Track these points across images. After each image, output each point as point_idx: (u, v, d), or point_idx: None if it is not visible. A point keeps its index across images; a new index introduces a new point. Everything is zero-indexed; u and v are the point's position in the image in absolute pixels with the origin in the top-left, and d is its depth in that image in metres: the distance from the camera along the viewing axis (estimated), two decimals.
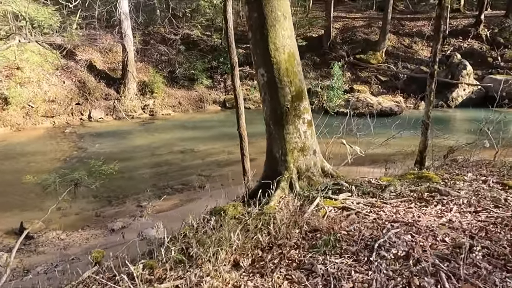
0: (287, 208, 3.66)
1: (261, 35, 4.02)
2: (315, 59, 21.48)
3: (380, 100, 18.50)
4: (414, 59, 21.42)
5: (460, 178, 4.42)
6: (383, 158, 9.91)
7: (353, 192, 3.96)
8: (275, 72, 4.04)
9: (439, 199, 3.84)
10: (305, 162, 4.12)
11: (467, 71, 19.01)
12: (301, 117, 4.15)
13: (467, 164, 5.54)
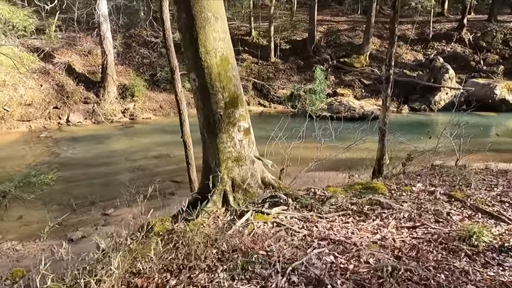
0: (215, 223, 3.40)
1: (190, 38, 3.77)
2: (299, 63, 21.31)
3: (362, 104, 18.35)
4: (397, 63, 21.26)
5: (408, 188, 4.19)
6: (357, 164, 9.72)
7: (289, 206, 3.71)
8: (207, 77, 3.79)
9: (380, 212, 3.61)
10: (241, 173, 3.86)
11: (449, 75, 18.92)
12: (236, 125, 3.89)
13: (423, 172, 5.31)
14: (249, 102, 19.95)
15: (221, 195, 3.71)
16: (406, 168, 5.83)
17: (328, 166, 9.25)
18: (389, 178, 5.18)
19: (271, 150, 10.80)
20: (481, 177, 4.86)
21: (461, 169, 5.55)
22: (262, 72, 21.00)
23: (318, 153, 6.92)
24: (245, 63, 21.17)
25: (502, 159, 12.95)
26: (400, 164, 5.93)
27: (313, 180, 6.57)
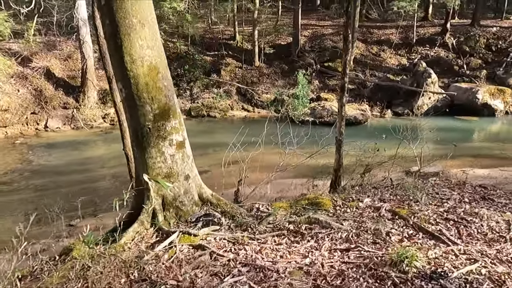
0: (138, 246, 3.16)
1: (115, 45, 3.52)
2: (283, 67, 21.13)
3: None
4: (382, 67, 21.22)
5: (354, 204, 3.98)
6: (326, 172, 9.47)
7: (222, 225, 3.48)
8: (133, 87, 3.54)
9: (317, 232, 3.39)
10: (173, 190, 3.62)
11: (432, 79, 18.83)
12: (168, 139, 3.64)
13: (380, 184, 5.10)
14: (233, 106, 19.73)
15: (149, 215, 3.47)
16: (367, 179, 5.61)
17: (303, 174, 9.04)
18: (344, 191, 4.96)
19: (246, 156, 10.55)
20: (436, 190, 4.66)
21: (422, 180, 5.35)
22: (246, 76, 20.79)
23: (282, 161, 6.70)
24: (229, 67, 20.94)
25: (480, 164, 12.87)
26: (359, 175, 5.72)
27: (275, 191, 6.34)
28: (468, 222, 3.44)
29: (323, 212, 3.83)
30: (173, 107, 3.79)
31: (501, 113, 18.58)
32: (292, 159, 8.27)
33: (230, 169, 12.55)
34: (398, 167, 12.05)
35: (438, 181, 5.29)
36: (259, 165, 7.60)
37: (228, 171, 12.40)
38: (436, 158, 13.19)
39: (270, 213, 3.68)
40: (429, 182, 5.16)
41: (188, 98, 19.77)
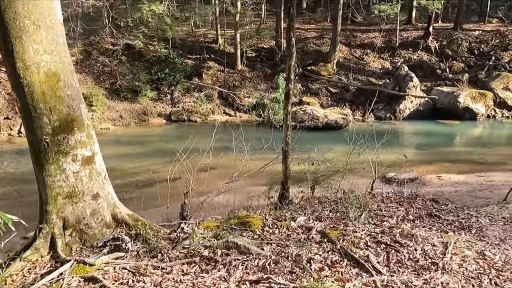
0: (25, 278, 2.78)
1: (5, 50, 3.15)
2: (266, 70, 20.81)
3: (327, 113, 17.88)
4: (365, 71, 20.97)
5: (286, 224, 3.62)
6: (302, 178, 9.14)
7: (129, 251, 3.11)
8: (27, 97, 3.17)
9: (232, 259, 3.03)
10: (76, 211, 3.25)
11: (414, 83, 18.60)
12: (70, 154, 3.27)
13: (327, 198, 4.74)
14: (214, 111, 19.37)
15: (47, 240, 3.10)
16: (324, 190, 5.26)
17: (275, 181, 8.67)
18: (289, 205, 4.61)
19: (222, 162, 10.18)
20: (382, 205, 4.31)
21: (372, 195, 4.99)
22: (228, 80, 20.44)
23: (238, 169, 6.33)
24: (211, 71, 20.58)
25: (458, 170, 12.59)
26: (308, 188, 5.36)
27: (228, 202, 5.97)
28: (401, 246, 3.10)
29: (249, 233, 3.47)
30: (79, 118, 3.42)
31: (482, 117, 18.38)
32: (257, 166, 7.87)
33: (202, 176, 12.16)
34: (371, 174, 11.75)
35: (390, 194, 4.94)
36: (230, 172, 7.22)
37: (199, 178, 12.01)
38: (408, 164, 12.95)
39: (188, 235, 3.31)
40: (379, 196, 4.81)
41: (169, 102, 19.37)
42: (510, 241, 3.42)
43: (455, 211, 4.18)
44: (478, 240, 3.41)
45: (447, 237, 3.33)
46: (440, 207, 4.33)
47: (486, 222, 3.94)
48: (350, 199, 4.15)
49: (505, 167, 12.35)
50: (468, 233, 3.58)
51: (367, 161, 13.07)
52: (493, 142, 15.36)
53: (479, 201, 9.20)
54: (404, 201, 4.49)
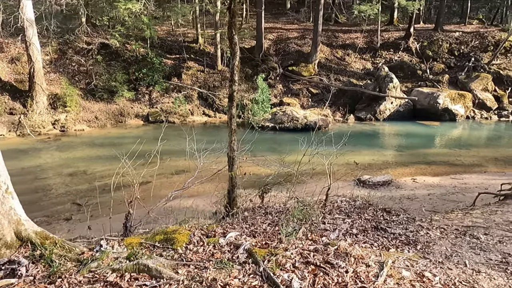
0: None
1: None
2: (247, 71, 20.43)
3: (307, 114, 17.58)
4: (346, 71, 20.74)
5: (214, 240, 3.25)
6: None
7: (22, 276, 2.72)
8: None
9: (140, 285, 2.65)
10: None
11: (394, 84, 18.41)
12: None
13: (274, 208, 4.38)
14: (193, 111, 18.96)
15: None
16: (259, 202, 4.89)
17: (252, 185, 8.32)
18: (236, 215, 4.24)
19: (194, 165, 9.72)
20: (329, 216, 3.97)
21: (324, 204, 4.65)
22: (208, 80, 20.03)
23: (194, 173, 5.95)
24: (191, 71, 20.15)
25: (434, 172, 12.38)
26: (257, 196, 5.00)
27: (202, 206, 5.59)
28: (332, 267, 2.76)
29: (170, 252, 3.09)
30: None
31: (461, 118, 18.28)
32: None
33: (173, 180, 11.75)
34: (347, 177, 11.46)
35: (344, 202, 4.61)
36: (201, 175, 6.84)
37: (171, 182, 11.59)
38: (385, 166, 12.72)
39: (95, 257, 2.93)
40: (331, 205, 4.47)
41: (147, 103, 18.89)
42: (455, 258, 3.11)
43: (405, 223, 3.87)
44: (421, 258, 3.09)
45: (386, 256, 3.00)
46: (391, 218, 4.01)
47: (436, 235, 3.63)
48: (293, 210, 3.80)
49: (480, 169, 12.19)
50: (413, 248, 3.26)
51: (342, 163, 12.81)
52: (470, 144, 15.23)
53: (450, 205, 8.96)
54: (354, 211, 4.16)
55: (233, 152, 4.46)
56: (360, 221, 3.87)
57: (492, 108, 19.08)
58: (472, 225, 4.83)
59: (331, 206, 4.36)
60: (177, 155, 12.29)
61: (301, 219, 3.72)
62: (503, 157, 13.58)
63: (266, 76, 19.79)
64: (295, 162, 7.16)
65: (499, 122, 18.80)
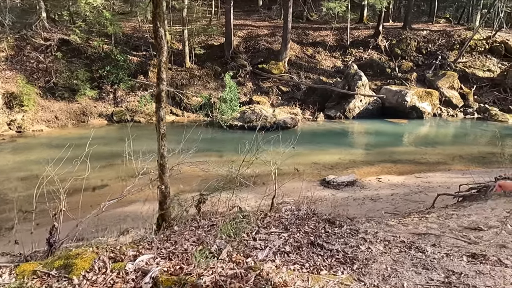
0: None
1: None
2: (216, 68, 19.86)
3: (276, 113, 17.20)
4: (316, 69, 20.49)
5: (120, 266, 2.77)
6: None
7: None
8: None
9: None
10: None
11: (363, 82, 18.27)
12: None
13: (206, 223, 3.90)
14: None
15: None
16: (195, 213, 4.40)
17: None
18: (168, 229, 3.76)
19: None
20: (263, 230, 3.53)
21: (265, 214, 4.21)
22: (176, 78, 19.36)
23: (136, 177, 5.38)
24: None
25: (399, 171, 12.24)
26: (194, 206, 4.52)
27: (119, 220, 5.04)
28: None
29: (64, 283, 2.59)
30: None
31: (429, 115, 18.35)
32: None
33: (127, 184, 11.08)
34: (311, 176, 11.10)
35: (288, 212, 4.20)
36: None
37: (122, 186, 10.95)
38: (351, 166, 12.50)
39: None
40: (273, 215, 4.04)
41: (111, 102, 18.05)
42: (394, 280, 2.74)
43: (347, 235, 3.49)
44: (355, 280, 2.70)
45: (315, 280, 2.60)
46: (333, 230, 3.62)
47: (379, 250, 3.27)
48: (223, 225, 3.35)
49: (445, 167, 12.13)
50: (349, 268, 2.87)
51: (309, 163, 12.49)
52: (436, 142, 15.24)
53: (411, 206, 8.77)
54: (295, 223, 3.75)
55: (163, 158, 3.97)
56: (298, 235, 3.46)
57: (458, 105, 19.26)
58: (424, 233, 4.53)
59: (271, 217, 3.93)
60: (138, 157, 11.61)
61: (230, 235, 3.28)
62: (467, 155, 13.61)
63: (236, 74, 19.30)
64: (240, 164, 6.63)
65: (464, 120, 19.00)
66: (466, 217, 5.41)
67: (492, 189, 6.11)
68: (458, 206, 5.96)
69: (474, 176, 11.01)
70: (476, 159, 13.11)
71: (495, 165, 12.84)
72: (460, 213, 5.56)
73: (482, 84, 20.65)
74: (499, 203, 5.62)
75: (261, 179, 11.35)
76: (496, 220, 4.92)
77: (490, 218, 5.12)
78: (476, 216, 5.34)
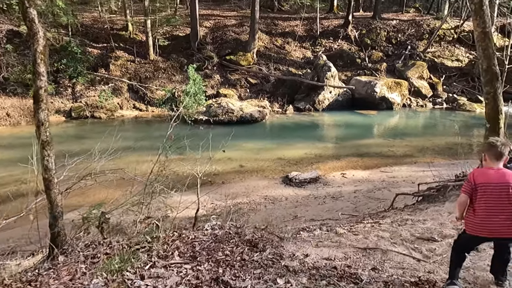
0: None
1: None
2: (181, 61, 18.85)
3: (243, 106, 16.42)
4: (286, 60, 19.76)
5: None
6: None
7: None
8: None
9: None
10: None
11: (332, 73, 17.68)
12: None
13: (102, 249, 3.12)
14: (122, 105, 17.17)
15: None
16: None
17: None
18: (59, 257, 2.98)
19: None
20: (162, 263, 2.80)
21: (179, 234, 3.45)
22: (139, 71, 18.27)
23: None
24: (120, 61, 18.26)
25: (364, 165, 11.72)
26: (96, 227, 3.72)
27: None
28: None
29: None
30: None
31: (398, 106, 17.97)
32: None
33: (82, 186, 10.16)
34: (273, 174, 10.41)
35: (208, 229, 3.46)
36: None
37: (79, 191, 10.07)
38: (316, 160, 11.91)
39: None
40: (185, 237, 3.28)
41: (70, 97, 16.86)
42: None
43: (266, 265, 2.80)
44: None
45: None
46: (252, 256, 2.92)
47: (300, 285, 2.59)
48: (105, 258, 2.60)
49: (411, 160, 11.70)
50: None
51: (273, 158, 11.80)
52: (404, 133, 14.84)
53: (372, 205, 8.22)
54: (207, 248, 3.03)
55: (49, 172, 3.18)
56: (205, 266, 2.74)
57: (427, 95, 18.97)
58: (372, 247, 3.93)
59: (184, 239, 3.19)
60: (94, 156, 10.70)
61: (113, 271, 2.53)
62: (435, 146, 13.24)
63: (202, 66, 18.37)
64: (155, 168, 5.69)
65: (433, 110, 18.73)
66: (421, 223, 4.84)
67: (450, 188, 5.57)
68: (415, 209, 5.37)
69: (440, 169, 10.57)
70: (443, 150, 12.75)
71: (461, 157, 12.53)
72: (415, 218, 4.98)
73: (451, 73, 20.43)
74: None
75: (221, 178, 10.64)
76: (452, 227, 4.36)
77: (446, 225, 4.55)
78: (431, 222, 4.77)
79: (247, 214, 7.71)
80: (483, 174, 2.60)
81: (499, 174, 2.55)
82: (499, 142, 2.64)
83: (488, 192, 2.53)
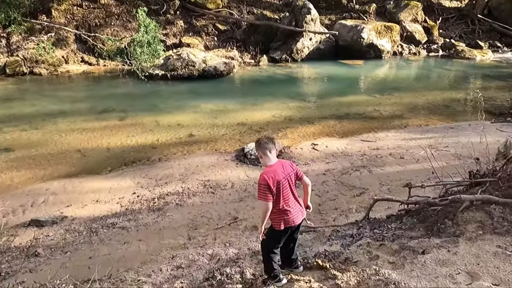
0: None
1: None
2: (139, 4, 15.19)
3: (207, 57, 13.27)
4: (261, 3, 16.23)
5: None
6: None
7: None
8: None
9: None
10: None
11: (312, 16, 14.32)
12: None
13: None
14: (68, 59, 13.94)
15: None
16: None
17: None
18: None
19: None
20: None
21: None
22: (88, 17, 14.81)
23: None
24: (64, 5, 14.72)
25: (342, 131, 9.04)
26: None
27: None
28: None
29: None
30: None
31: (388, 54, 14.89)
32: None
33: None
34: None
35: None
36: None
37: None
38: (286, 125, 9.19)
39: None
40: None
41: (4, 50, 13.55)
42: None
43: None
44: None
45: None
46: None
47: None
48: None
49: (401, 122, 9.02)
50: None
51: (234, 123, 9.13)
52: (394, 87, 12.00)
53: (344, 198, 5.64)
54: None
55: None
56: None
57: (421, 41, 15.83)
58: None
59: None
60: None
61: None
62: (429, 103, 10.54)
63: (160, 10, 14.87)
64: None
65: (428, 58, 15.70)
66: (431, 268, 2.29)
67: (466, 206, 2.97)
68: (401, 251, 2.70)
69: (436, 135, 7.98)
70: (439, 108, 10.06)
71: (461, 116, 9.89)
72: (401, 280, 2.41)
73: (449, 15, 17.06)
74: (482, 250, 2.45)
75: (161, 151, 8.00)
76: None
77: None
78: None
79: (170, 215, 5.20)
80: None
81: None
82: None
83: None
